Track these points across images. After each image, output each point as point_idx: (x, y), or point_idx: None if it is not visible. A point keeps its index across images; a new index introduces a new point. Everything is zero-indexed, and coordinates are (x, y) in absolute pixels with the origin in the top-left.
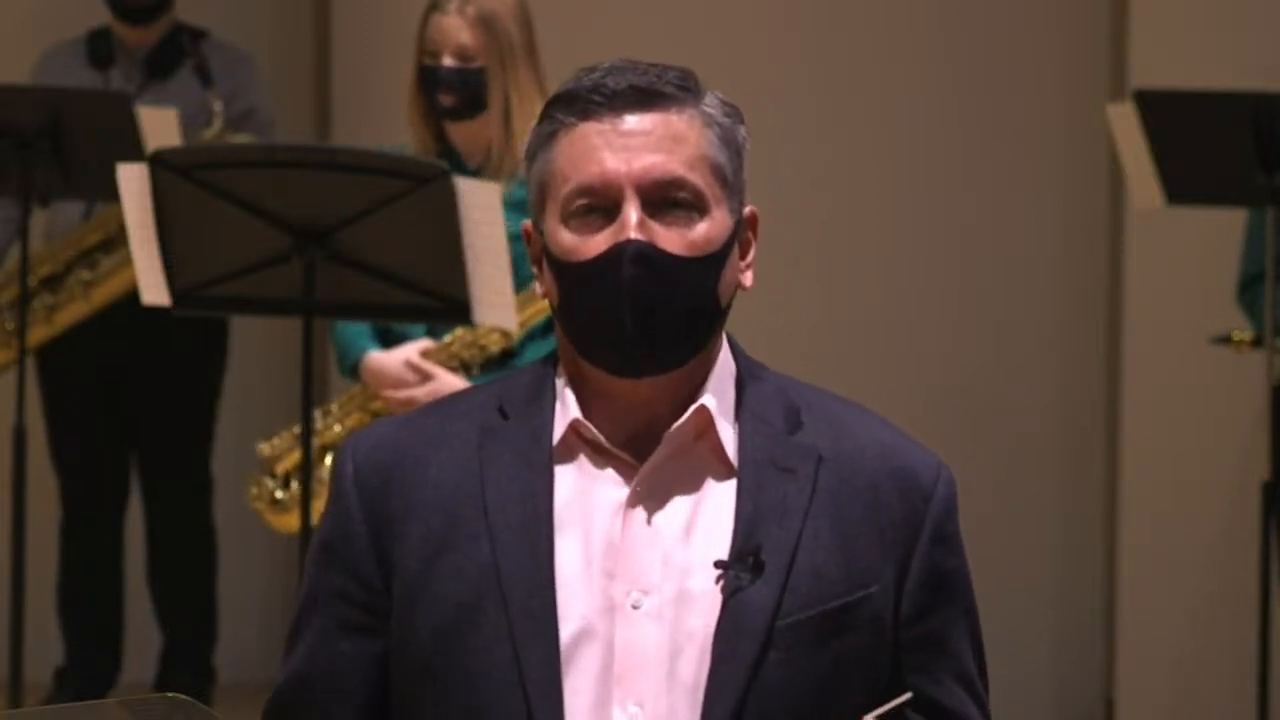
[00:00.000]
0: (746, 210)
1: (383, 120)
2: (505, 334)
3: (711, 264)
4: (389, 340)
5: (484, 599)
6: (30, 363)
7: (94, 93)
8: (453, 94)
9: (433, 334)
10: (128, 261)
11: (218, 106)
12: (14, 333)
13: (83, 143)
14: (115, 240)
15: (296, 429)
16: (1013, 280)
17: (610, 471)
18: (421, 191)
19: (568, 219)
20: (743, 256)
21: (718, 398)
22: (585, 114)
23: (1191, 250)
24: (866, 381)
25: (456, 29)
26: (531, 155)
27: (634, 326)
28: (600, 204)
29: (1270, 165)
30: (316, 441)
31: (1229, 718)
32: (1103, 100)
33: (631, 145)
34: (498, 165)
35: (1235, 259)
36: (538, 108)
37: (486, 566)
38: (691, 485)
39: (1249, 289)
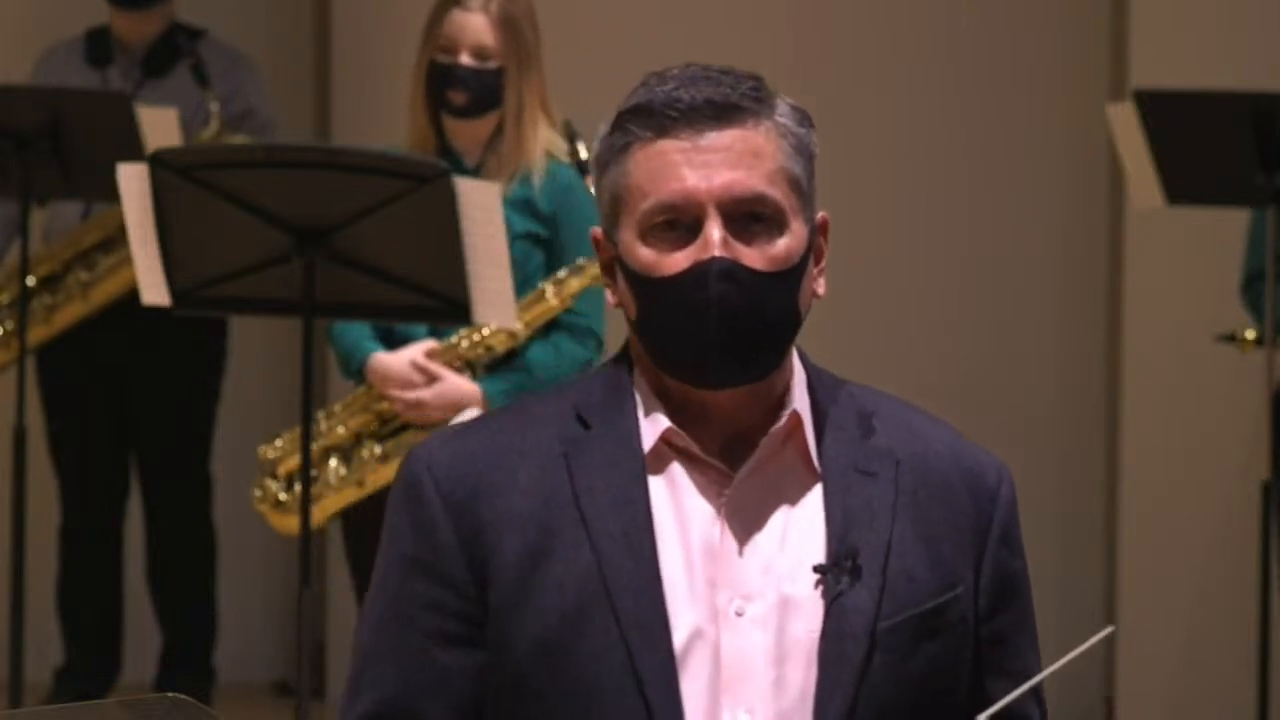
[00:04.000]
0: (818, 217)
1: (383, 120)
2: (511, 334)
3: (792, 277)
4: (392, 341)
5: (590, 608)
6: (30, 363)
7: (94, 92)
8: (466, 92)
9: (436, 334)
10: (126, 261)
11: (214, 106)
12: (13, 333)
13: (82, 143)
14: (114, 240)
15: (294, 431)
16: (1013, 280)
17: (702, 479)
18: (421, 191)
19: (646, 234)
20: (816, 264)
21: (799, 405)
22: (662, 130)
23: (1191, 250)
24: (867, 381)
25: (479, 28)
26: (603, 165)
27: (720, 343)
28: (681, 221)
29: (1270, 165)
30: (320, 443)
31: (1229, 717)
32: (1103, 100)
33: (711, 161)
34: (501, 165)
35: (1235, 258)
36: (542, 112)
37: (590, 576)
38: (782, 491)
39: (1251, 287)
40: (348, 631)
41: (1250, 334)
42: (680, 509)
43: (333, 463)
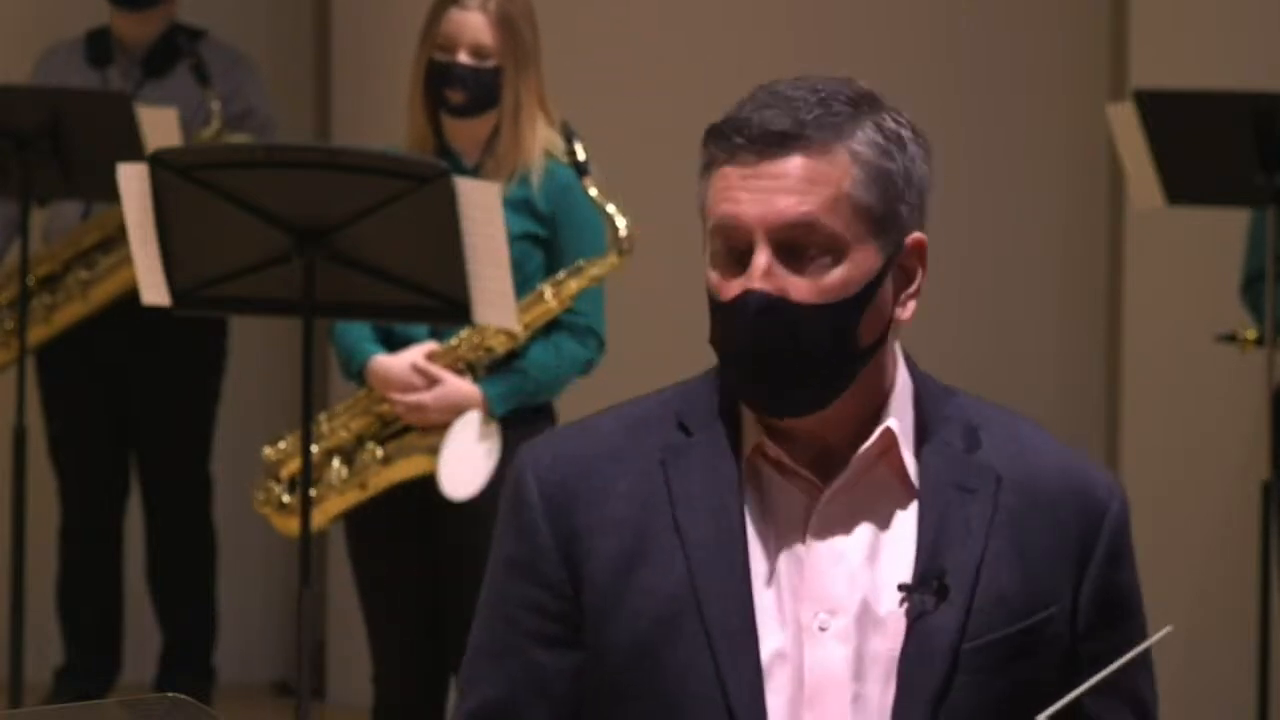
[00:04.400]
0: (910, 239)
1: (383, 120)
2: (511, 336)
3: (848, 308)
4: (392, 343)
5: (680, 616)
6: (30, 363)
7: (94, 92)
8: (464, 91)
9: (436, 336)
10: (126, 261)
11: (215, 106)
12: (13, 333)
13: (83, 143)
14: (113, 240)
15: (297, 433)
16: (1013, 280)
17: (795, 491)
18: (421, 191)
19: (713, 256)
20: (905, 287)
21: (899, 419)
22: (731, 154)
23: (1191, 250)
24: None
25: (477, 27)
26: (698, 180)
27: (754, 375)
28: (737, 246)
29: (1270, 165)
30: (322, 445)
31: (1229, 716)
32: (1103, 100)
33: (767, 188)
34: (499, 165)
35: (1235, 258)
36: (541, 111)
37: (682, 583)
38: (874, 507)
39: (1251, 288)
40: (348, 631)
41: (1251, 334)
42: (773, 520)
43: (335, 465)
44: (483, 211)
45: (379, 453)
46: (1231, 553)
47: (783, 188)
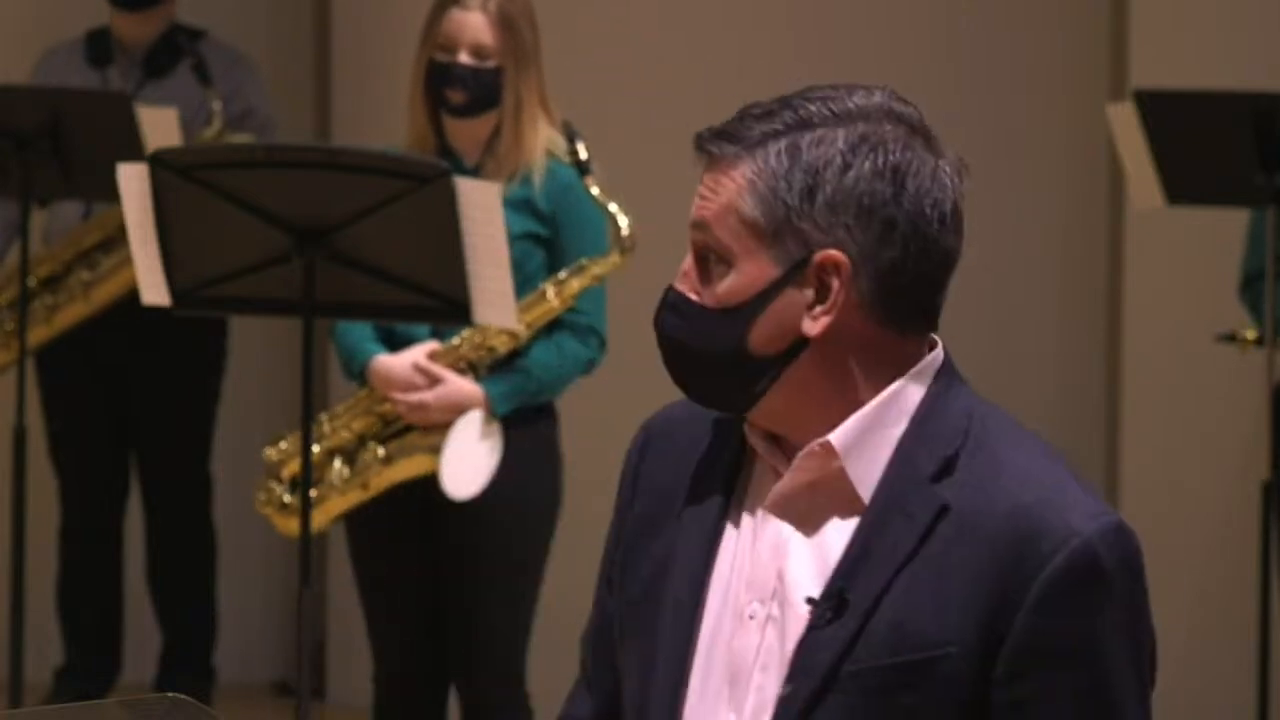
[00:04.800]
0: (821, 255)
1: (383, 120)
2: (513, 335)
3: (736, 316)
4: (393, 342)
5: (659, 584)
6: (30, 363)
7: (94, 93)
8: (464, 91)
9: (438, 335)
10: (127, 262)
11: (216, 106)
12: (14, 333)
13: (83, 143)
14: (115, 241)
15: (298, 433)
16: (1013, 280)
17: (771, 478)
18: (421, 191)
19: None
20: (819, 301)
21: (871, 432)
22: (698, 155)
23: (1191, 250)
24: None
25: (477, 27)
26: None
27: (669, 369)
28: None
29: (1270, 165)
30: (324, 445)
31: (1229, 716)
32: (1103, 100)
33: (701, 192)
34: (500, 165)
35: (1235, 258)
36: (542, 111)
37: (668, 554)
38: (827, 511)
39: (1250, 287)
40: (348, 631)
41: (1250, 334)
42: (753, 501)
43: (336, 465)
44: (483, 211)
45: (380, 452)
46: (1231, 553)
47: (701, 193)
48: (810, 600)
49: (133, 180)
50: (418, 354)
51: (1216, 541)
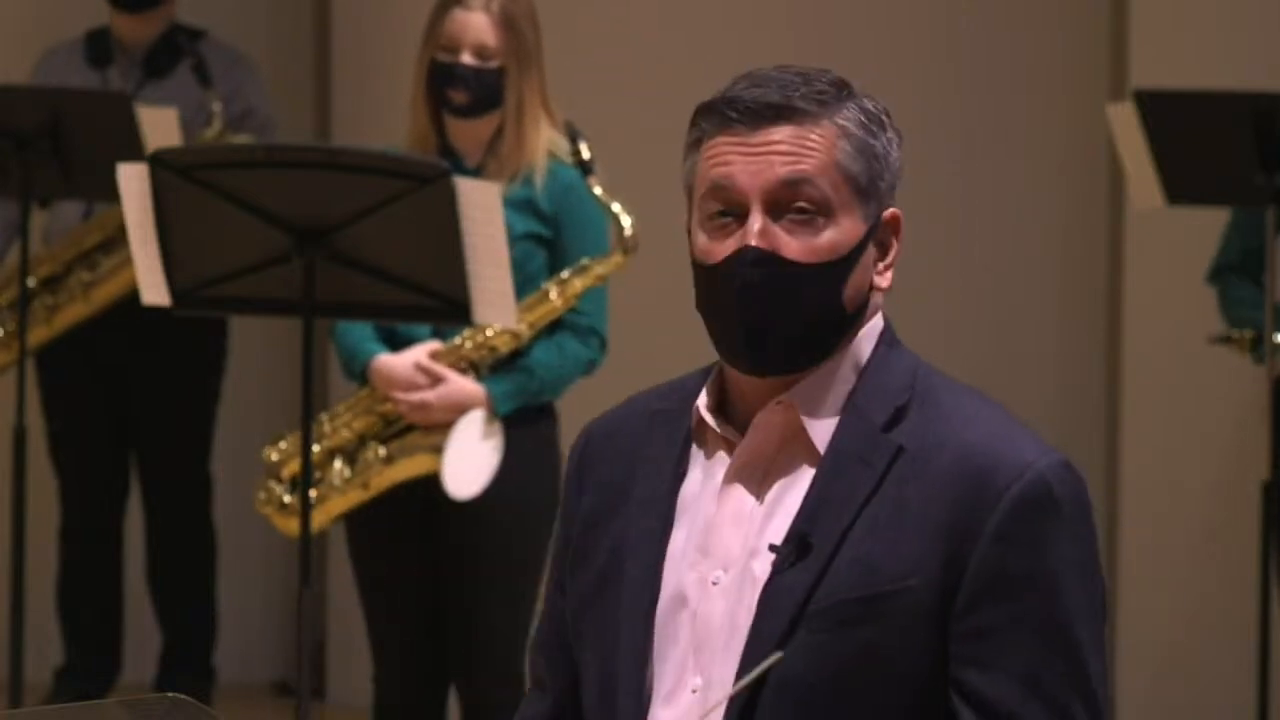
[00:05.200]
0: (887, 213)
1: (383, 120)
2: (515, 335)
3: (836, 270)
4: (394, 342)
5: (614, 570)
6: (30, 363)
7: (94, 93)
8: (467, 92)
9: (439, 335)
10: (127, 262)
11: (216, 107)
12: (14, 334)
13: (83, 143)
14: (115, 241)
15: (298, 433)
16: (1013, 280)
17: (722, 454)
18: (421, 191)
19: (704, 223)
20: (881, 258)
21: (824, 389)
22: (723, 126)
23: (1191, 250)
24: None
25: (480, 27)
26: (684, 159)
27: (748, 331)
28: (730, 210)
29: (1270, 165)
30: (325, 445)
31: (1229, 717)
32: (1103, 100)
33: (761, 153)
34: (502, 166)
35: (1214, 251)
36: (544, 112)
37: (621, 539)
38: (784, 471)
39: (1220, 276)
40: (348, 631)
41: (1248, 334)
42: (705, 481)
43: (337, 465)
44: (483, 211)
45: (381, 452)
46: (1231, 553)
47: (776, 151)
48: (773, 547)
49: (133, 180)
50: (419, 353)
51: (1216, 541)
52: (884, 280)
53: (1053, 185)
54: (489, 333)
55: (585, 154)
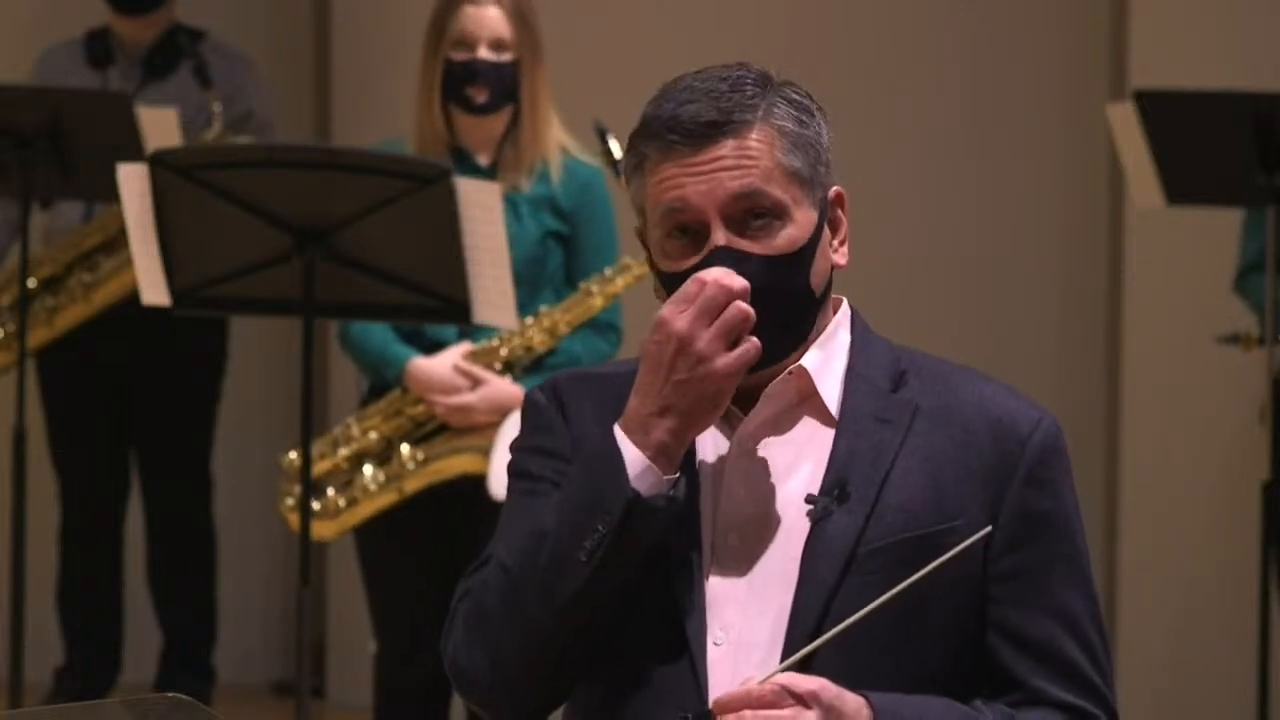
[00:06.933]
0: (831, 192)
1: (383, 120)
2: (552, 335)
3: (798, 259)
4: (421, 343)
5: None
6: (30, 364)
7: (94, 93)
8: (487, 88)
9: (465, 335)
10: (128, 263)
11: (217, 108)
12: (14, 334)
13: (83, 143)
14: (115, 242)
15: (327, 436)
16: (1013, 280)
17: (723, 423)
18: (422, 192)
19: (663, 243)
20: (834, 236)
21: (826, 360)
22: (666, 152)
23: (1191, 250)
24: None
25: (495, 20)
26: (629, 178)
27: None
28: (690, 228)
29: (1270, 165)
30: (352, 449)
31: (1229, 717)
32: (1103, 100)
33: (708, 171)
34: (520, 159)
35: (1233, 258)
36: (550, 105)
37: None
38: (794, 437)
39: (1245, 279)
40: (348, 631)
41: (1253, 331)
42: (704, 449)
43: (367, 469)
44: (483, 211)
45: (419, 455)
46: (1231, 553)
47: (722, 167)
48: (810, 498)
49: (133, 180)
50: (455, 355)
51: (1217, 541)
52: (841, 258)
53: (1053, 185)
54: (527, 333)
55: (616, 152)
